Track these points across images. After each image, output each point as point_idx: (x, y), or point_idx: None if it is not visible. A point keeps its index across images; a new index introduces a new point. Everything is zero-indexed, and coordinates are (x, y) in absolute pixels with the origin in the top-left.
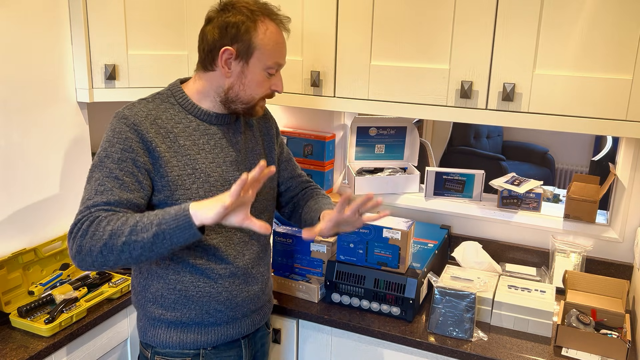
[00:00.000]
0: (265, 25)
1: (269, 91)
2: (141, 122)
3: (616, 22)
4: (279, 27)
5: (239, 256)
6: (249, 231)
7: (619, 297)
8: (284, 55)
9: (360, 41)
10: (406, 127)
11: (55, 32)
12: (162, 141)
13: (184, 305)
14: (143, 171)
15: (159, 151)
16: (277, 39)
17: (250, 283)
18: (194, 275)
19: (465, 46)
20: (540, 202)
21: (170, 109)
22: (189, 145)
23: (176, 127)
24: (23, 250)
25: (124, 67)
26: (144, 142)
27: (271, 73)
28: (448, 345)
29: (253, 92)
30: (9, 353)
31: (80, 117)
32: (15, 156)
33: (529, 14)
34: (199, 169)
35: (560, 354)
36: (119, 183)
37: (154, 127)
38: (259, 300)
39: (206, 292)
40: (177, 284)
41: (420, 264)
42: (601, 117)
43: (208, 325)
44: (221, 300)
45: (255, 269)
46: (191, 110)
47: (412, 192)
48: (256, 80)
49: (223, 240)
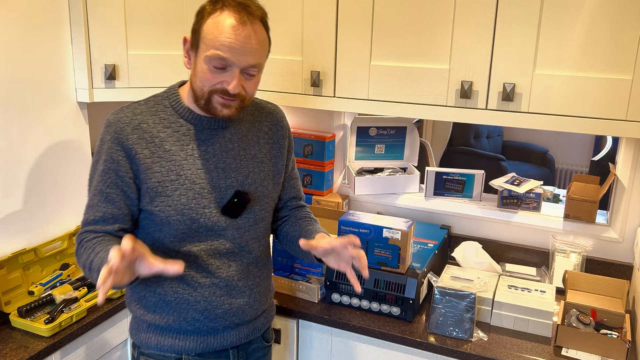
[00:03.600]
0: (219, 13)
1: (218, 86)
2: (123, 128)
3: (616, 22)
4: (239, 20)
5: (223, 267)
6: (239, 242)
7: (619, 297)
8: (232, 49)
9: (360, 41)
10: (406, 127)
11: (55, 32)
12: (145, 146)
13: (163, 310)
14: (127, 180)
15: (139, 158)
16: (223, 29)
17: (233, 296)
18: (174, 281)
19: (465, 46)
20: (540, 202)
21: (161, 112)
22: (175, 150)
23: (163, 132)
24: (23, 250)
25: (124, 67)
26: (125, 150)
27: (216, 66)
28: (448, 345)
29: (200, 84)
30: (9, 353)
31: (80, 117)
32: (15, 156)
33: (529, 14)
34: (184, 175)
35: (560, 354)
36: (104, 197)
37: (136, 133)
38: (244, 313)
39: (184, 299)
40: (157, 287)
41: (420, 264)
42: (601, 117)
43: (187, 333)
44: (199, 309)
45: (242, 282)
46: (183, 114)
47: (412, 192)
48: (201, 70)
49: (207, 250)
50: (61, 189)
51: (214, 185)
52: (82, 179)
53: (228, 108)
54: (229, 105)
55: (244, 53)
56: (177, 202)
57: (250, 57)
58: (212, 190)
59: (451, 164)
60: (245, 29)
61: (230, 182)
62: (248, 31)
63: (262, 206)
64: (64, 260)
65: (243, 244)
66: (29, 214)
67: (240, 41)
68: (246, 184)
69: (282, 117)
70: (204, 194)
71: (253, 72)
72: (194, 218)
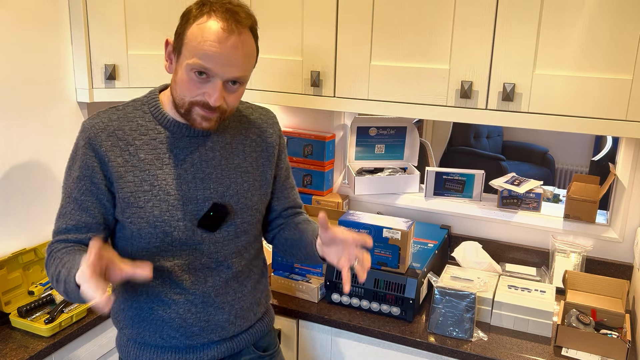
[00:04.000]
0: (206, 18)
1: (199, 98)
2: (97, 134)
3: (616, 22)
4: (225, 28)
5: (198, 282)
6: (217, 256)
7: (619, 297)
8: (216, 60)
9: (360, 41)
10: (406, 127)
11: (55, 32)
12: (119, 154)
13: (140, 324)
14: (102, 187)
15: (112, 165)
16: (208, 36)
17: (210, 312)
18: (149, 297)
19: (465, 46)
20: (540, 202)
21: (139, 118)
22: (150, 159)
23: (139, 139)
24: (23, 250)
25: (124, 67)
26: (98, 157)
27: (197, 76)
28: (448, 345)
29: (181, 93)
30: (9, 353)
31: (80, 117)
32: (15, 156)
33: (529, 14)
34: (158, 185)
35: (560, 354)
36: (77, 204)
37: (111, 140)
38: (223, 330)
39: (159, 315)
40: (133, 302)
41: (420, 264)
42: (601, 117)
43: (164, 349)
44: (174, 326)
45: (220, 298)
46: (161, 121)
47: (412, 192)
48: (181, 79)
49: (180, 265)
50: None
51: (190, 197)
52: None
53: (208, 121)
54: (209, 119)
55: (228, 64)
56: (149, 214)
57: (235, 69)
58: (188, 202)
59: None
60: (232, 38)
61: (209, 194)
62: (234, 41)
63: (244, 218)
64: None
65: (221, 259)
66: (29, 214)
67: (225, 51)
68: (227, 195)
69: (272, 124)
70: (179, 206)
71: (237, 84)
72: (167, 231)
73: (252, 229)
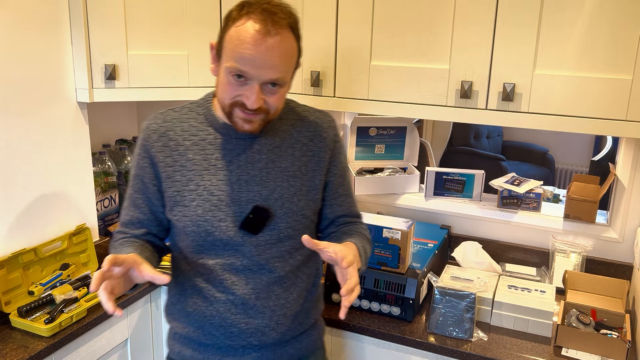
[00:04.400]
0: (244, 21)
1: (238, 99)
2: (150, 135)
3: (616, 22)
4: (262, 30)
5: (239, 283)
6: (258, 259)
7: (619, 297)
8: (251, 63)
9: (360, 41)
10: (406, 127)
11: (55, 32)
12: (169, 154)
13: (185, 320)
14: (151, 187)
15: (161, 166)
16: (244, 39)
17: (250, 315)
18: (194, 292)
19: (465, 46)
20: (540, 202)
21: (192, 120)
22: (198, 159)
23: (189, 140)
24: (23, 250)
25: (124, 67)
26: (149, 157)
27: (235, 79)
28: (448, 345)
29: (221, 95)
30: (9, 353)
31: (80, 117)
32: (15, 156)
33: (529, 14)
34: (203, 185)
35: (560, 354)
36: (131, 201)
37: (161, 141)
38: (264, 335)
39: (201, 312)
40: (180, 296)
41: (420, 264)
42: (601, 117)
43: (207, 346)
44: (215, 324)
45: (261, 302)
46: (212, 123)
47: (412, 192)
48: (222, 81)
49: (221, 264)
50: (61, 189)
51: (233, 198)
52: (83, 179)
53: (250, 123)
54: (250, 121)
55: (264, 67)
56: (193, 212)
57: (271, 71)
58: (232, 203)
59: (451, 164)
60: (268, 40)
61: (252, 196)
62: (270, 43)
63: (288, 223)
64: (64, 260)
65: (262, 262)
66: (29, 214)
67: (260, 54)
68: (271, 199)
69: (327, 128)
70: (222, 207)
71: (276, 86)
72: (209, 231)
73: (298, 234)
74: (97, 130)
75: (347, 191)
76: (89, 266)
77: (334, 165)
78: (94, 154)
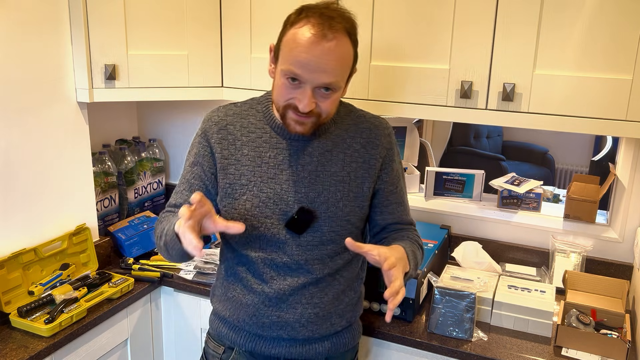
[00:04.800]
0: (302, 24)
1: (291, 102)
2: (210, 127)
3: (616, 22)
4: (318, 34)
5: (277, 278)
6: (298, 259)
7: (619, 297)
8: (305, 66)
9: (360, 41)
10: (406, 127)
11: (55, 32)
12: (226, 147)
13: (224, 303)
14: (209, 175)
15: (218, 157)
16: (300, 42)
17: (283, 309)
18: (235, 280)
19: (465, 46)
20: (540, 202)
21: (252, 116)
22: (252, 155)
23: (247, 136)
24: (23, 250)
25: (124, 67)
26: (210, 147)
27: (290, 82)
28: (448, 345)
29: (276, 97)
30: (9, 353)
31: (80, 117)
32: (15, 156)
33: (529, 14)
34: (254, 181)
35: (560, 354)
36: (188, 185)
37: (221, 134)
38: (293, 330)
39: (239, 299)
40: (224, 281)
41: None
42: (601, 117)
43: (241, 329)
44: (249, 313)
45: (294, 297)
46: (269, 122)
47: (412, 192)
48: (277, 84)
49: (262, 258)
50: (61, 189)
51: (281, 197)
52: (83, 179)
53: (302, 125)
54: (302, 123)
55: (317, 71)
56: (241, 206)
57: (325, 75)
58: (279, 201)
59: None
60: (323, 44)
61: (300, 197)
62: (325, 48)
63: (332, 227)
64: (64, 260)
65: (302, 262)
66: (29, 214)
67: (315, 58)
68: (317, 201)
69: (382, 135)
70: (269, 204)
71: (329, 91)
72: (254, 225)
73: (341, 239)
74: (97, 130)
75: (399, 199)
76: (89, 266)
77: (385, 173)
78: (94, 154)
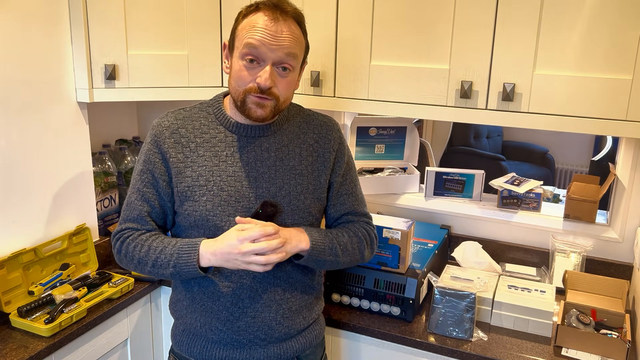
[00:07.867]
0: (254, 13)
1: (251, 84)
2: (162, 132)
3: (616, 22)
4: (271, 16)
5: (246, 277)
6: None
7: (619, 297)
8: (263, 41)
9: (360, 41)
10: (406, 127)
11: (55, 32)
12: (180, 151)
13: (192, 315)
14: (161, 182)
15: (172, 162)
16: (256, 24)
17: (257, 309)
18: (201, 288)
19: (465, 46)
20: (540, 202)
21: (203, 118)
22: (208, 156)
23: (200, 137)
24: (23, 250)
25: (124, 67)
26: (161, 153)
27: (247, 59)
28: (448, 345)
29: (235, 84)
30: (9, 353)
31: (80, 117)
32: (15, 156)
33: (529, 14)
34: (213, 181)
35: (560, 354)
36: (140, 195)
37: (173, 137)
38: (270, 329)
39: (208, 307)
40: (187, 292)
41: (420, 264)
42: (601, 117)
43: (214, 343)
44: (221, 319)
45: (267, 295)
46: (222, 122)
47: (412, 192)
48: (235, 70)
49: None
50: (61, 189)
51: (242, 194)
52: (82, 179)
53: (262, 108)
54: (262, 105)
55: (274, 46)
56: (202, 207)
57: (281, 51)
58: (240, 199)
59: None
60: (277, 24)
61: (261, 192)
62: (280, 26)
63: (295, 220)
64: (64, 260)
65: None
66: (29, 214)
67: (271, 34)
68: (279, 195)
69: (332, 131)
70: (231, 202)
71: (286, 67)
72: (218, 225)
73: None
74: (97, 130)
75: (349, 190)
76: (88, 266)
77: (338, 166)
78: (94, 154)
